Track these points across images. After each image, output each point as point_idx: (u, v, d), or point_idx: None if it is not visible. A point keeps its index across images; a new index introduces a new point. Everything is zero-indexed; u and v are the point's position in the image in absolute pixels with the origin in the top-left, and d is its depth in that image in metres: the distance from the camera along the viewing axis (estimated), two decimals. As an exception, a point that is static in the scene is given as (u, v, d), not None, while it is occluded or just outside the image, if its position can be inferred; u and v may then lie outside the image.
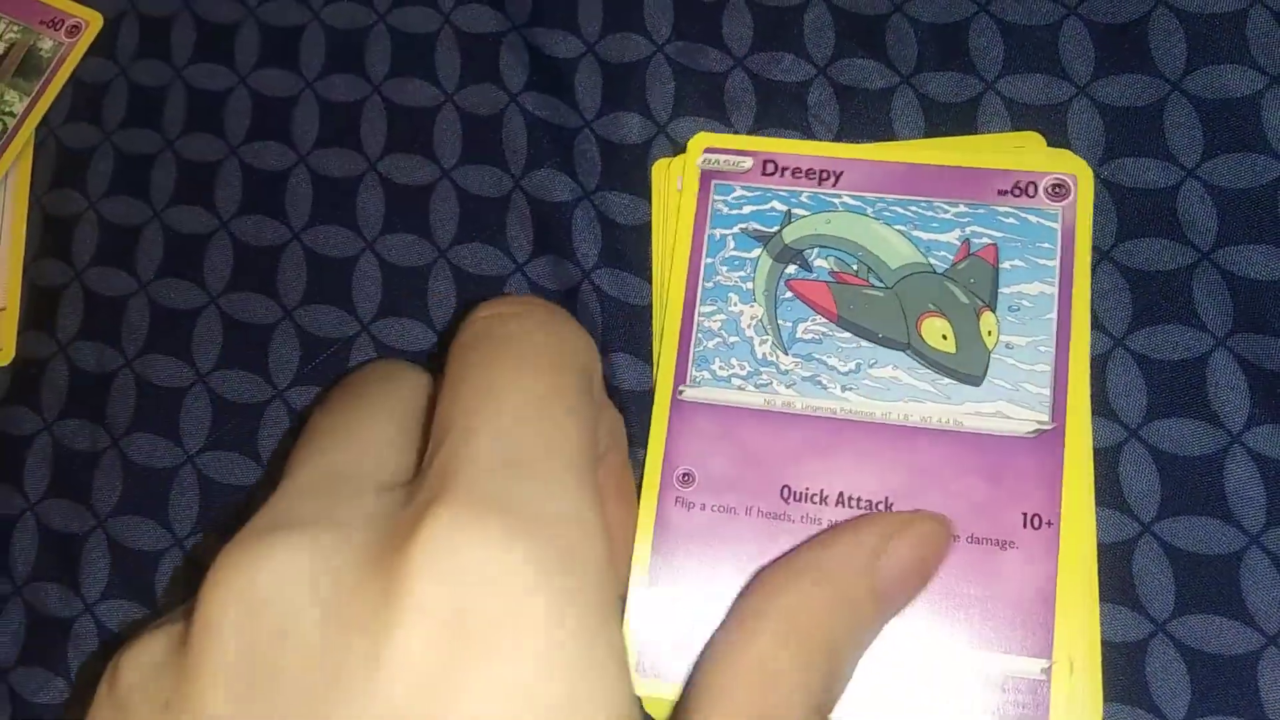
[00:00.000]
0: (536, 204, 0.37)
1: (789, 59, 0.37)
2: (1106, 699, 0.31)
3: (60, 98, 0.42)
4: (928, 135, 0.36)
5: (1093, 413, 0.33)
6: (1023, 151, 0.35)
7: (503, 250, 0.37)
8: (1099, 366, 0.33)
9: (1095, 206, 0.34)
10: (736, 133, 0.37)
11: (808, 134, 0.36)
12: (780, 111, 0.37)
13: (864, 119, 0.36)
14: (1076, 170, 0.33)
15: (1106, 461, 0.33)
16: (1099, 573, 0.31)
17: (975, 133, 0.36)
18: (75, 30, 0.42)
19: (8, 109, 0.42)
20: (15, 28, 0.43)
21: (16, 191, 0.41)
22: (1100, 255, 0.34)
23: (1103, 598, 0.31)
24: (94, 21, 0.42)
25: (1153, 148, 0.35)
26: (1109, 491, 0.32)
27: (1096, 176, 0.34)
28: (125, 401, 0.38)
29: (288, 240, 0.39)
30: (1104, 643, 0.31)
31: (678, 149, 0.37)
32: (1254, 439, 0.32)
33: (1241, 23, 0.35)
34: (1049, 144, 0.35)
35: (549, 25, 0.39)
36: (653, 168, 0.37)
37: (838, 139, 0.36)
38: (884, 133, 0.36)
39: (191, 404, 0.38)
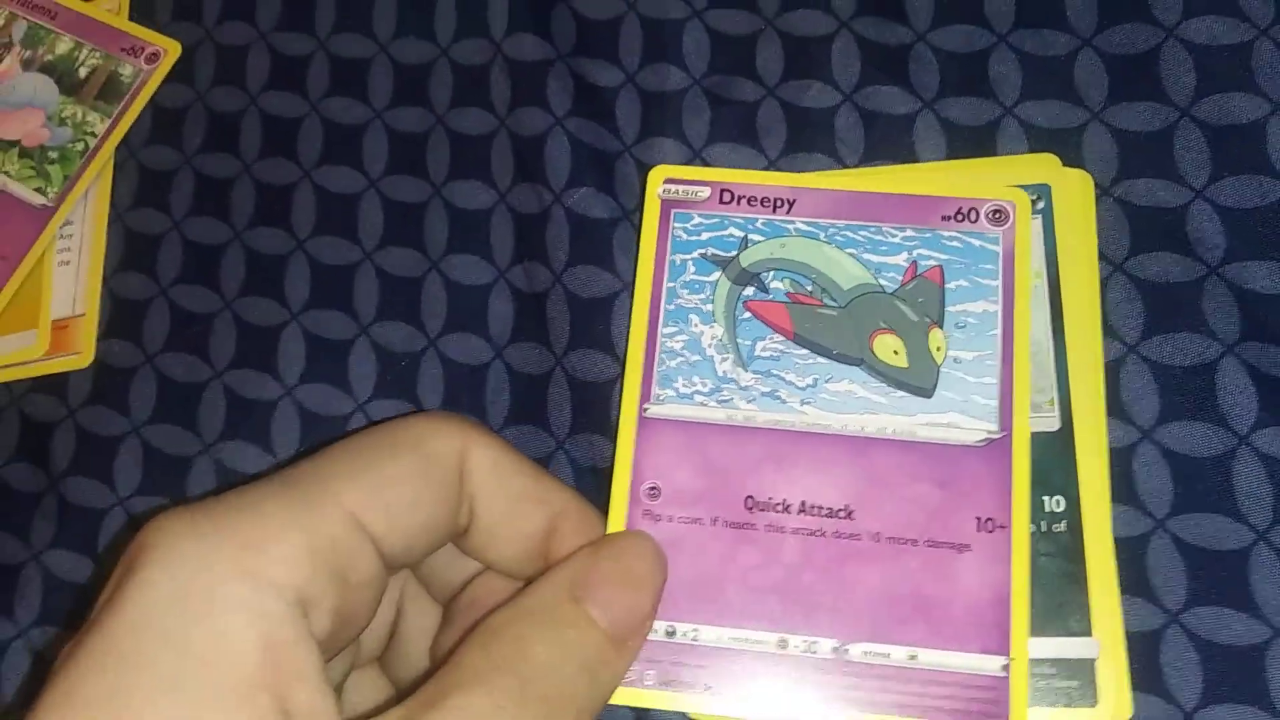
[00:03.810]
0: (577, 220, 0.37)
1: (817, 86, 0.37)
2: (1125, 685, 0.30)
3: (140, 121, 0.41)
4: (949, 157, 0.36)
5: (1107, 414, 0.32)
6: (963, 181, 0.35)
7: (544, 264, 0.37)
8: (1113, 372, 0.33)
9: (1108, 223, 0.34)
10: (768, 158, 0.36)
11: (834, 157, 0.36)
12: (809, 137, 0.36)
13: (888, 142, 0.36)
14: (1015, 198, 0.33)
15: (1121, 461, 0.32)
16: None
17: (995, 154, 0.35)
18: (154, 58, 0.42)
19: (89, 129, 0.41)
20: (97, 54, 0.42)
21: (97, 207, 0.41)
22: (1113, 268, 0.34)
23: (1120, 589, 0.31)
24: (172, 50, 0.42)
25: (1164, 169, 0.34)
26: (1124, 489, 0.32)
27: (1108, 195, 0.34)
28: (215, 411, 0.38)
29: (360, 260, 0.39)
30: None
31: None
32: (1261, 440, 0.32)
33: (1248, 54, 0.34)
34: (1064, 164, 0.35)
35: (592, 55, 0.38)
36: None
37: (862, 162, 0.36)
38: (907, 155, 0.36)
39: (280, 416, 0.38)
